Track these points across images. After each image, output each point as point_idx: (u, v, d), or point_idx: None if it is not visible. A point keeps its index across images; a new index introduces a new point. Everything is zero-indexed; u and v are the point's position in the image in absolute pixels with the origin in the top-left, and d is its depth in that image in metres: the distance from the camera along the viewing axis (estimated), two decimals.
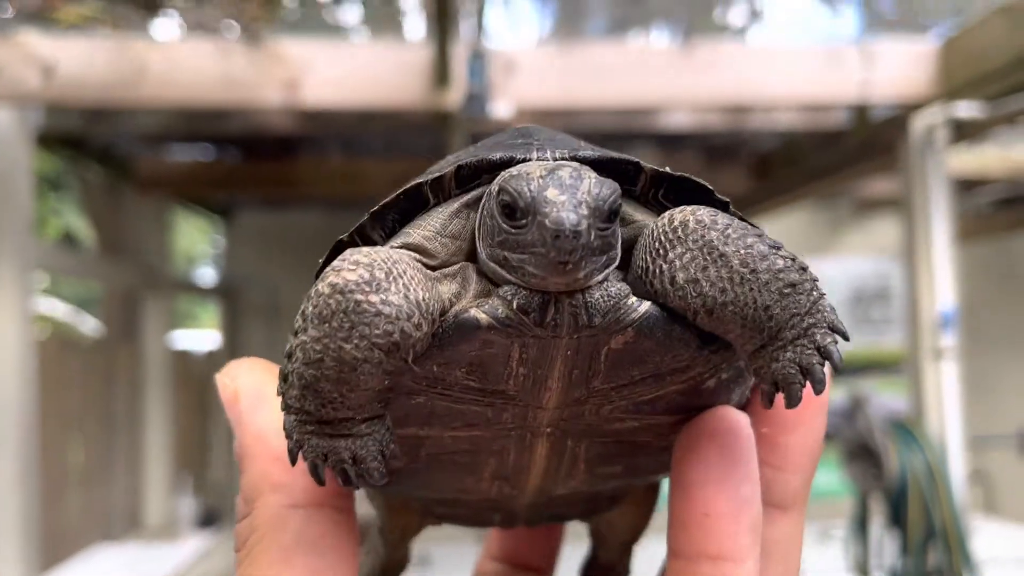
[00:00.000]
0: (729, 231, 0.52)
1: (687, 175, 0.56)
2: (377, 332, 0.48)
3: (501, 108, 3.43)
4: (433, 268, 0.54)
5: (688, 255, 0.51)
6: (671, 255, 0.51)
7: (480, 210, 0.53)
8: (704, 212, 0.52)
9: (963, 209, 5.29)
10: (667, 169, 0.57)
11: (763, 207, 5.92)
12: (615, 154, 0.57)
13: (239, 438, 0.61)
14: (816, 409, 0.60)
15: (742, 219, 0.54)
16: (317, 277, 0.52)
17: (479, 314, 0.50)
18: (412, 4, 3.88)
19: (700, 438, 0.56)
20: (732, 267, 0.51)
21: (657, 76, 3.69)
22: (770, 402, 0.53)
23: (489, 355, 0.51)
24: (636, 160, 0.56)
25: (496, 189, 0.50)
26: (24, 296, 3.76)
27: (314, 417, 0.50)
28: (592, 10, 4.34)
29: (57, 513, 4.70)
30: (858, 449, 3.92)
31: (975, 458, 4.63)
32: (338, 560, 0.57)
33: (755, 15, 4.38)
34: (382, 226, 0.56)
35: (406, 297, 0.49)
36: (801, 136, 4.73)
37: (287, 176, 5.44)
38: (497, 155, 0.56)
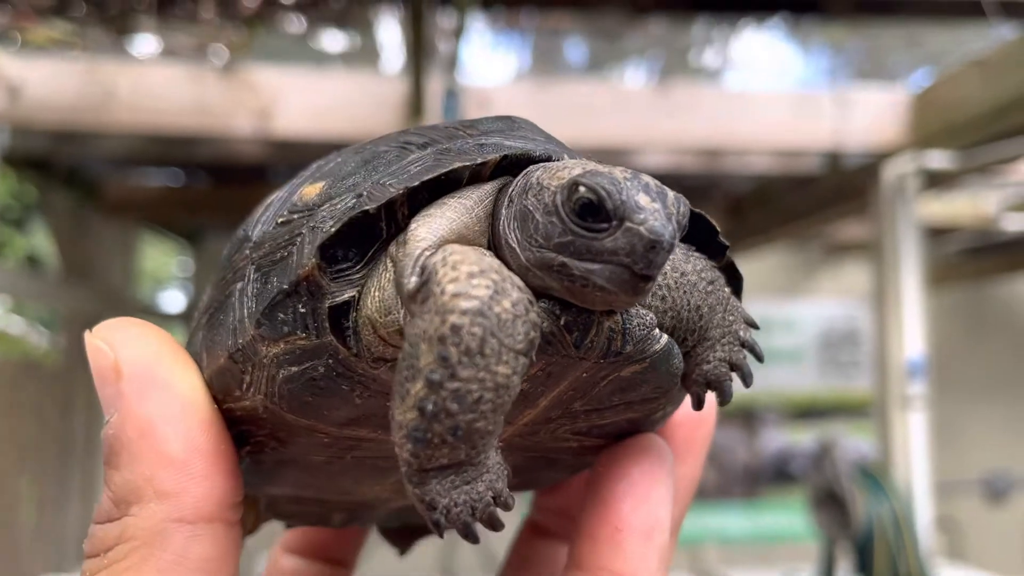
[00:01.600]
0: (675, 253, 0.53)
1: (704, 214, 0.55)
2: (519, 338, 0.43)
3: None
4: None
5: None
6: None
7: (510, 205, 0.49)
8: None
9: (933, 256, 5.34)
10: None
11: (736, 248, 5.92)
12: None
13: (117, 426, 0.50)
14: (703, 442, 0.63)
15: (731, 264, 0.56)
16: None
17: None
18: (391, 37, 3.86)
19: (626, 456, 0.56)
20: (665, 273, 0.52)
21: (633, 116, 3.69)
22: (700, 404, 0.55)
23: None
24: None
25: (569, 183, 0.45)
26: None
27: (454, 470, 0.45)
28: (568, 48, 4.35)
29: (6, 542, 4.56)
30: (825, 496, 3.90)
31: (942, 504, 4.63)
32: None
33: (728, 59, 4.42)
34: (412, 207, 0.50)
35: (521, 288, 0.45)
36: (774, 180, 4.76)
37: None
38: (538, 151, 0.52)
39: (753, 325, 0.55)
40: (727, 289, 0.54)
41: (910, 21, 3.20)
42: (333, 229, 0.47)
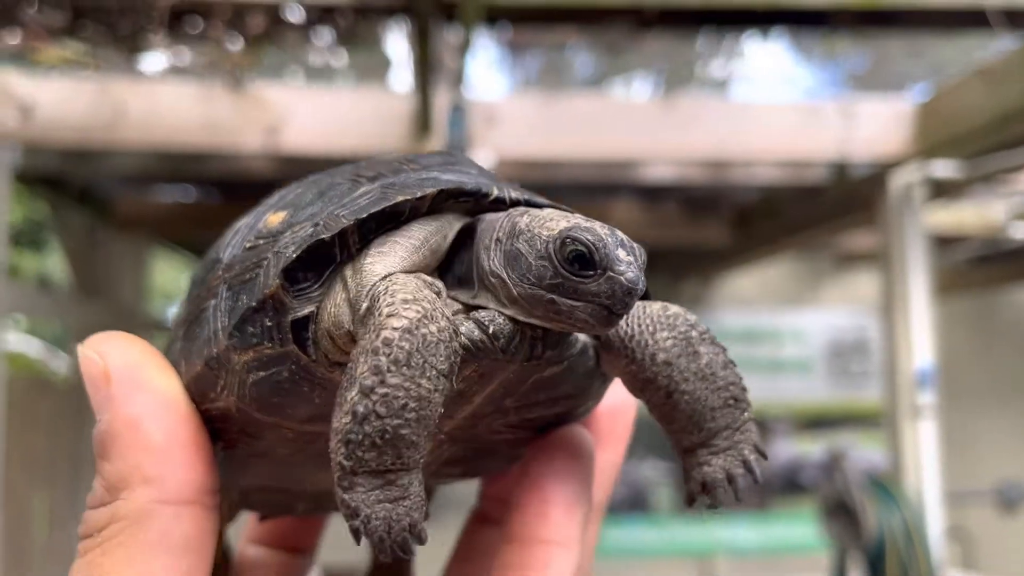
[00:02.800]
0: (706, 336, 0.61)
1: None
2: (441, 358, 0.50)
3: (482, 159, 3.43)
4: None
5: (671, 341, 0.59)
6: (658, 335, 0.59)
7: (498, 245, 0.56)
8: (692, 315, 0.61)
9: (940, 265, 5.33)
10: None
11: (743, 259, 5.95)
12: (566, 208, 0.63)
13: (107, 423, 0.57)
14: (623, 431, 0.71)
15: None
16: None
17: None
18: (398, 53, 3.90)
19: (554, 441, 0.64)
20: (700, 364, 0.59)
21: (638, 129, 3.71)
22: (692, 501, 0.61)
23: None
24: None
25: (561, 236, 0.53)
26: None
27: (383, 482, 0.50)
28: (573, 62, 4.38)
29: (18, 556, 4.58)
30: (836, 506, 3.90)
31: (953, 514, 4.61)
32: (199, 562, 0.56)
33: (732, 71, 4.44)
34: (362, 234, 0.58)
35: (448, 319, 0.52)
36: (780, 190, 4.77)
37: None
38: (469, 184, 0.61)
39: (762, 454, 0.62)
40: (748, 413, 0.61)
41: (914, 31, 3.22)
42: (294, 255, 0.55)
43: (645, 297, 0.65)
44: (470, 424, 0.61)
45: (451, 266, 0.60)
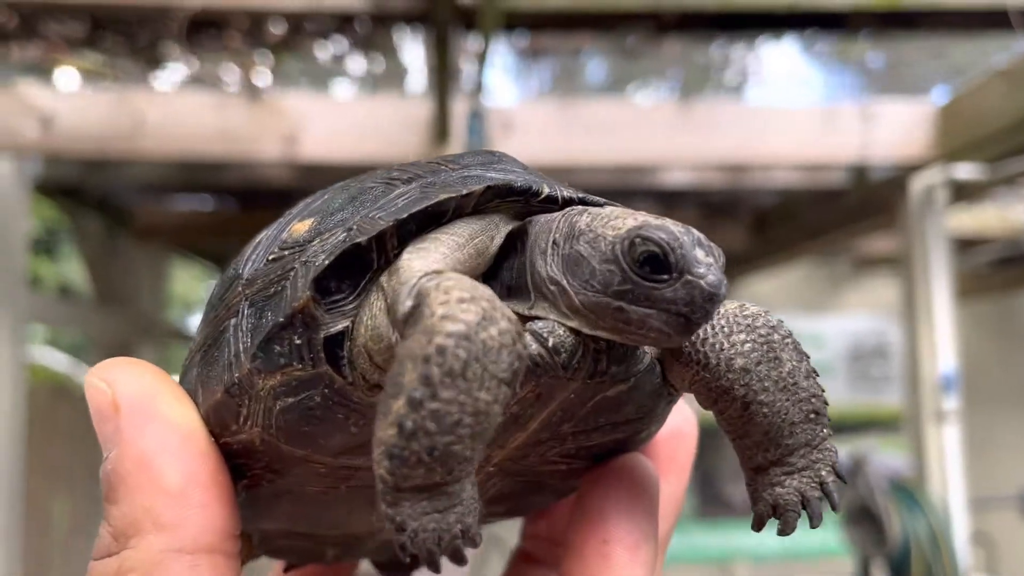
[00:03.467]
0: (788, 340, 0.54)
1: None
2: (503, 367, 0.44)
3: None
4: None
5: (750, 344, 0.53)
6: (735, 337, 0.53)
7: (555, 248, 0.51)
8: (774, 316, 0.55)
9: (962, 268, 5.29)
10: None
11: (761, 263, 5.92)
12: (619, 206, 0.58)
13: (116, 460, 0.50)
14: (686, 459, 0.64)
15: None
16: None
17: None
18: (415, 59, 3.90)
19: (612, 472, 0.57)
20: (782, 372, 0.53)
21: (656, 134, 3.69)
22: (761, 525, 0.55)
23: None
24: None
25: (630, 235, 0.48)
26: (17, 347, 3.71)
27: (431, 495, 0.45)
28: (586, 67, 4.37)
29: (39, 562, 4.59)
30: (859, 512, 3.86)
31: (977, 519, 4.56)
32: None
33: (748, 75, 4.41)
34: (400, 234, 0.52)
35: (510, 319, 0.46)
36: (799, 194, 4.74)
37: None
38: (519, 182, 0.55)
39: (841, 477, 0.56)
40: (828, 430, 0.55)
41: (935, 33, 3.19)
42: (327, 262, 0.49)
43: None
44: (522, 454, 0.55)
45: (498, 274, 0.55)
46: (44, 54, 3.44)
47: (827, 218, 4.71)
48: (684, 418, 0.64)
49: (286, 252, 0.55)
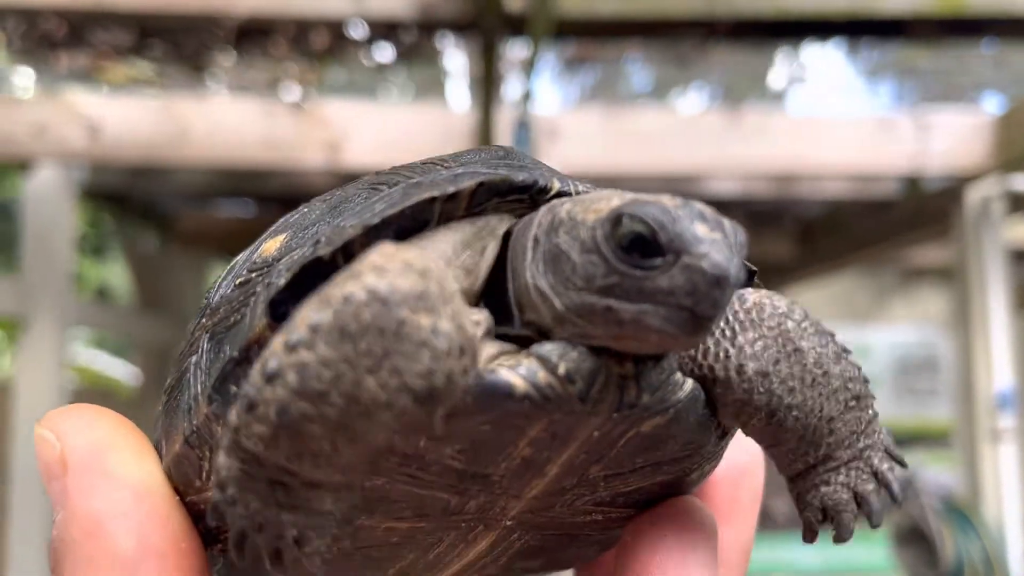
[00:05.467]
0: (806, 324, 0.45)
1: None
2: (417, 369, 0.35)
3: None
4: None
5: (761, 343, 0.44)
6: (740, 339, 0.44)
7: (536, 247, 0.42)
8: (780, 298, 0.46)
9: (1019, 280, 5.15)
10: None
11: (807, 273, 5.81)
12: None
13: (62, 525, 0.43)
14: (751, 501, 0.55)
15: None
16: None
17: (514, 378, 0.39)
18: (456, 68, 3.88)
19: (658, 524, 0.48)
20: (806, 365, 0.44)
21: (703, 143, 3.63)
22: (814, 535, 0.47)
23: (501, 431, 0.40)
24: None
25: (610, 216, 0.39)
26: (61, 350, 3.75)
27: (270, 473, 0.37)
28: (630, 74, 4.32)
29: None
30: (910, 533, 3.76)
31: None
32: None
33: (796, 79, 4.34)
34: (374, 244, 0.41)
35: (459, 328, 0.37)
36: (848, 204, 4.65)
37: None
38: (520, 176, 0.45)
39: (900, 461, 0.47)
40: (873, 410, 0.47)
41: (1000, 41, 3.10)
42: (282, 282, 0.41)
43: None
44: (544, 505, 0.46)
45: (505, 292, 0.44)
46: (92, 62, 3.47)
47: (877, 228, 4.61)
48: (746, 451, 0.55)
49: (253, 274, 0.47)
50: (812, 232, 5.25)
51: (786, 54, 3.94)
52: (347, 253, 0.41)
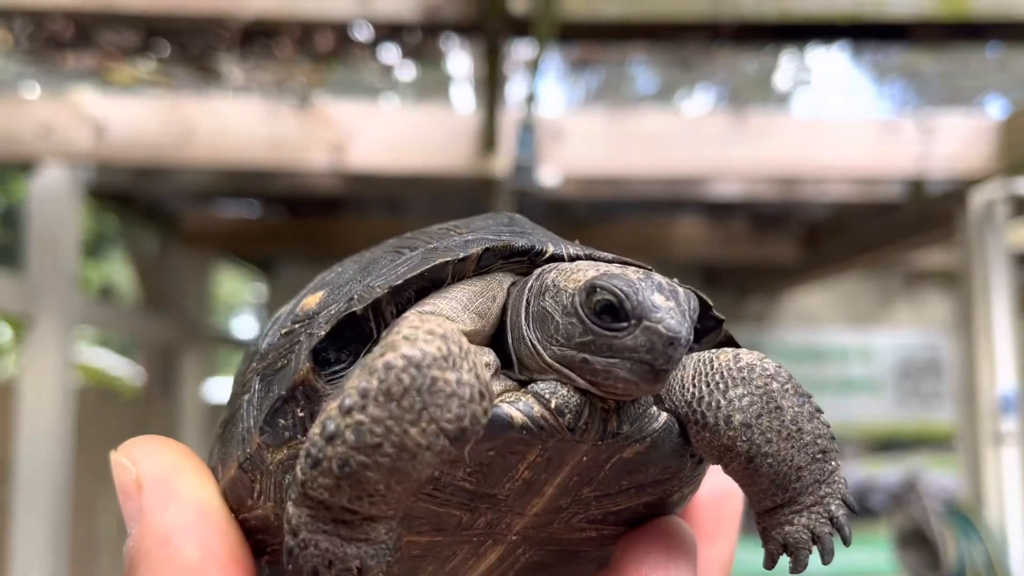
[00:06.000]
0: (788, 386, 0.53)
1: (695, 290, 0.56)
2: (448, 416, 0.43)
3: (548, 176, 3.39)
4: None
5: (748, 398, 0.52)
6: (731, 393, 0.52)
7: (527, 307, 0.52)
8: (770, 361, 0.54)
9: (1022, 284, 5.14)
10: (676, 280, 0.55)
11: (810, 276, 5.81)
12: (630, 260, 0.57)
13: (138, 537, 0.51)
14: (731, 520, 0.63)
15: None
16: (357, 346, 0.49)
17: (513, 411, 0.48)
18: (460, 70, 3.88)
19: (642, 542, 0.55)
20: (784, 421, 0.52)
21: (707, 145, 3.63)
22: (773, 563, 0.54)
23: (504, 456, 0.48)
24: (650, 268, 0.55)
25: (586, 286, 0.48)
26: (65, 349, 3.76)
27: (334, 514, 0.44)
28: (634, 76, 4.32)
29: (88, 551, 4.64)
30: (912, 536, 3.76)
31: None
32: None
33: (800, 82, 4.34)
34: (398, 301, 0.53)
35: (478, 377, 0.45)
36: (853, 207, 4.64)
37: (330, 234, 5.45)
38: (520, 242, 0.55)
39: (851, 508, 0.55)
40: (836, 462, 0.54)
41: (1004, 45, 3.09)
42: (321, 333, 0.50)
43: (727, 343, 0.59)
44: (544, 521, 0.54)
45: (506, 340, 0.54)
46: (99, 62, 3.48)
47: (881, 231, 4.61)
48: (726, 477, 0.60)
49: (296, 325, 0.56)
50: (816, 235, 5.25)
51: (790, 57, 3.93)
52: (376, 308, 0.51)
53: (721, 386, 0.52)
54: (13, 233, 6.60)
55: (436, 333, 0.45)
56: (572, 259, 0.55)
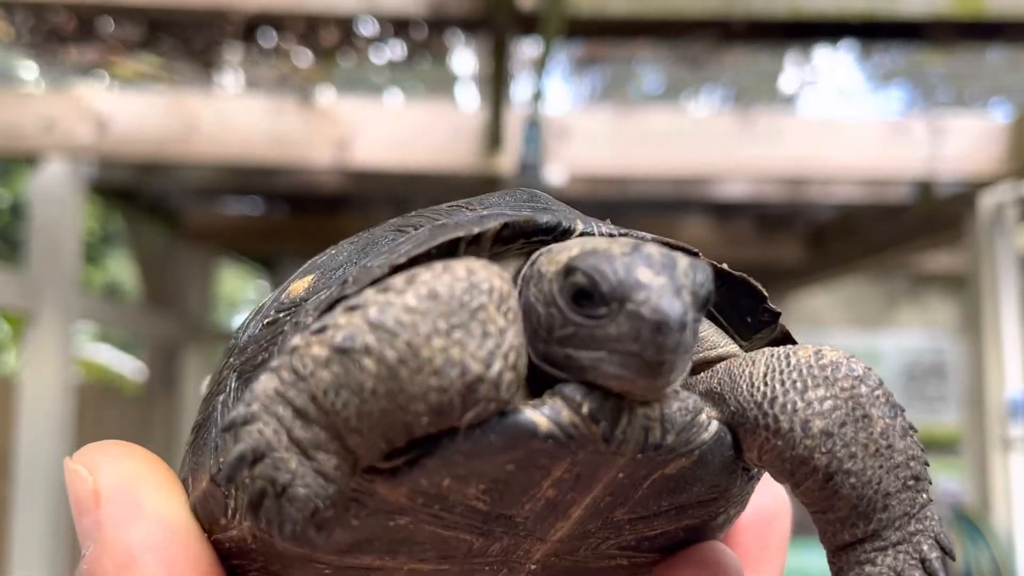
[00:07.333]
0: (879, 392, 0.44)
1: (747, 277, 0.50)
2: (479, 353, 0.37)
3: (554, 174, 3.36)
4: None
5: (831, 402, 0.43)
6: (811, 394, 0.43)
7: (519, 293, 0.43)
8: (858, 362, 0.45)
9: None
10: (725, 266, 0.49)
11: (816, 278, 5.78)
12: (673, 241, 0.48)
13: (93, 560, 0.43)
14: (779, 546, 0.55)
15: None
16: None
17: (537, 417, 0.39)
18: (465, 68, 3.86)
19: (687, 566, 0.48)
20: (872, 433, 0.43)
21: (714, 145, 3.60)
22: None
23: (525, 471, 0.40)
24: (696, 251, 0.48)
25: (562, 268, 0.40)
26: (66, 345, 3.73)
27: (301, 401, 0.38)
28: (640, 75, 4.29)
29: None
30: None
31: None
32: None
33: (807, 82, 4.31)
34: None
35: (520, 353, 0.39)
36: (860, 208, 4.61)
37: (333, 231, 5.42)
38: (544, 218, 0.46)
39: (947, 552, 0.45)
40: (928, 495, 0.45)
41: (1013, 45, 3.06)
42: (310, 321, 0.41)
43: (787, 340, 0.50)
44: (569, 548, 0.46)
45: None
46: (101, 57, 3.46)
47: (888, 233, 4.58)
48: (772, 496, 0.54)
49: (281, 315, 0.48)
50: (823, 236, 5.22)
51: (798, 57, 3.90)
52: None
53: (799, 385, 0.44)
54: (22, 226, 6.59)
55: (505, 279, 0.40)
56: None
